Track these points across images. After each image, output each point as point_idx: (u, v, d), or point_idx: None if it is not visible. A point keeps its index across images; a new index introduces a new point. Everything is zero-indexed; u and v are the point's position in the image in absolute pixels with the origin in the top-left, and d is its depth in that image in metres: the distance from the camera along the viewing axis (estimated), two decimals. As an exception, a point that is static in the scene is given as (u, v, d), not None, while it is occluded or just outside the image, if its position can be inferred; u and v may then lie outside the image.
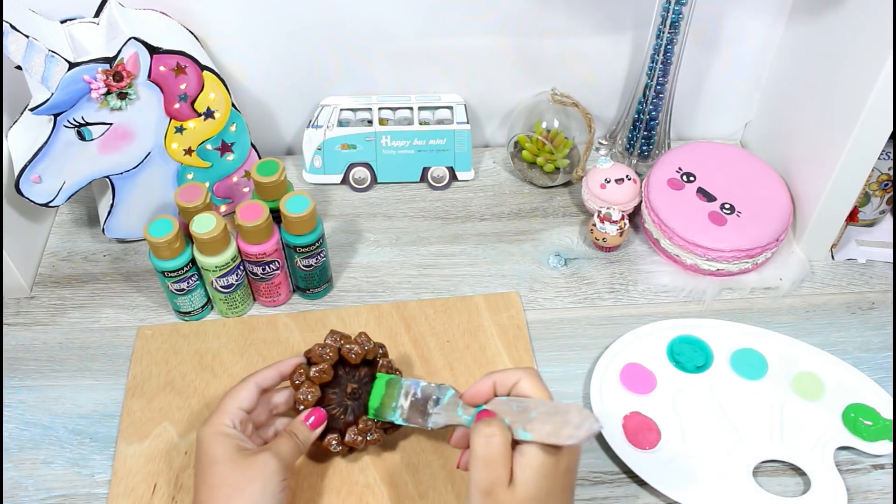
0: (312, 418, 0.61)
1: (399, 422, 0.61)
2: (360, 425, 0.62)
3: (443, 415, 0.59)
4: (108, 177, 0.76)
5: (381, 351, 0.66)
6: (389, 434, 0.65)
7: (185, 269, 0.71)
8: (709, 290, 0.79)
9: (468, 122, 0.88)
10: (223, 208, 0.84)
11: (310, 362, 0.63)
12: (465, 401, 0.57)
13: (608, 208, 0.81)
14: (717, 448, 0.66)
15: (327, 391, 0.63)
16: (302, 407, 0.62)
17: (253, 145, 0.83)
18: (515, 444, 0.51)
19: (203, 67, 0.74)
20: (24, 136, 0.73)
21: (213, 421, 0.58)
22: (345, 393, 0.63)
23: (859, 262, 0.83)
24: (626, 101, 0.90)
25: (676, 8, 0.77)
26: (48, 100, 0.67)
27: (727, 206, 0.80)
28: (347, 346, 0.63)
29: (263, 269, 0.73)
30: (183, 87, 0.73)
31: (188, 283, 0.72)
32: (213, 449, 0.56)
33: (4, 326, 0.76)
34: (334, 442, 0.62)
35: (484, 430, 0.51)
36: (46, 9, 0.73)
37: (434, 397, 0.60)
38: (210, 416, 0.58)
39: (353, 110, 0.89)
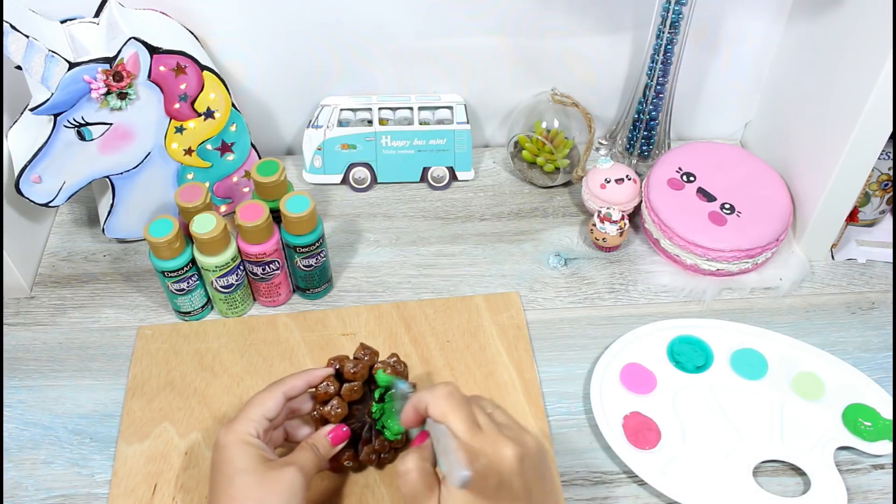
0: (334, 434, 0.60)
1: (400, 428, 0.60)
2: (377, 444, 0.62)
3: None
4: (108, 177, 0.76)
5: (405, 371, 0.65)
6: (400, 453, 0.64)
7: (185, 269, 0.71)
8: (709, 290, 0.79)
9: (468, 122, 0.88)
10: (223, 208, 0.84)
11: (338, 373, 0.62)
12: (402, 425, 0.56)
13: (608, 208, 0.81)
14: (717, 448, 0.66)
15: (351, 407, 0.62)
16: (326, 420, 0.61)
17: (253, 145, 0.83)
18: None
19: (203, 67, 0.74)
20: (24, 136, 0.73)
21: (236, 428, 0.56)
22: (367, 410, 0.62)
23: (859, 262, 0.83)
24: (626, 101, 0.90)
25: (676, 8, 0.77)
26: (48, 100, 0.67)
27: (727, 206, 0.80)
28: (379, 365, 0.62)
29: (263, 269, 0.73)
30: (183, 87, 0.73)
31: (188, 283, 0.72)
32: (236, 458, 0.54)
33: (4, 326, 0.76)
34: (348, 460, 0.61)
35: (400, 469, 0.51)
36: (46, 9, 0.73)
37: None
38: (232, 423, 0.56)
39: (353, 110, 0.89)
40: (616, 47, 0.88)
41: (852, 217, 0.82)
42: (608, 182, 0.83)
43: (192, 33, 0.80)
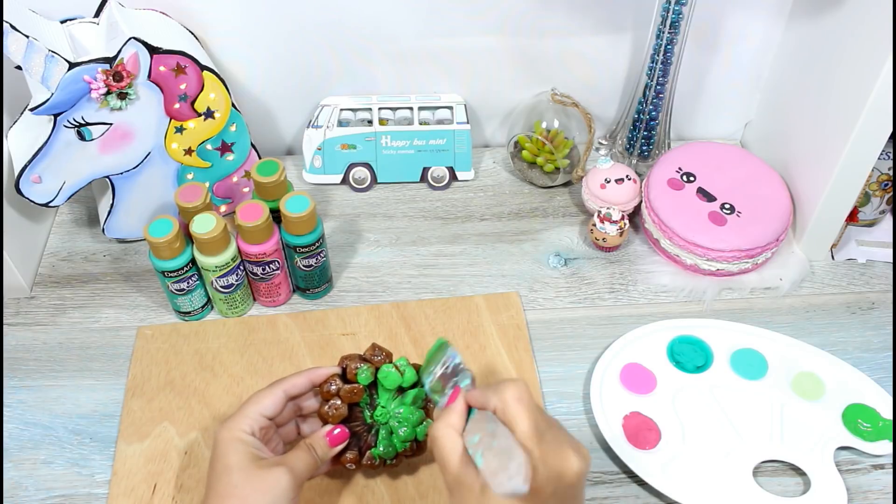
0: (335, 433, 0.59)
1: (427, 387, 0.58)
2: (382, 450, 0.61)
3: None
4: (108, 177, 0.76)
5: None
6: (408, 460, 0.63)
7: (185, 269, 0.71)
8: (709, 290, 0.79)
9: (468, 122, 0.88)
10: (223, 208, 0.84)
11: (345, 373, 0.61)
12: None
13: (608, 208, 0.81)
14: (717, 448, 0.66)
15: (354, 408, 0.61)
16: (327, 420, 0.60)
17: (253, 145, 0.83)
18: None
19: (203, 67, 0.74)
20: (24, 136, 0.73)
21: (232, 425, 0.56)
22: (372, 412, 0.61)
23: (859, 262, 0.83)
24: (626, 101, 0.90)
25: (676, 8, 0.77)
26: (48, 100, 0.67)
27: (727, 206, 0.80)
28: (386, 368, 0.61)
29: (263, 269, 0.73)
30: (183, 87, 0.73)
31: (188, 283, 0.72)
32: (227, 455, 0.54)
33: (4, 326, 0.76)
34: (350, 462, 0.60)
35: (434, 434, 0.52)
36: (46, 9, 0.73)
37: (455, 378, 0.57)
38: (230, 418, 0.56)
39: (353, 110, 0.89)
40: (616, 47, 0.88)
41: (852, 217, 0.82)
42: (608, 182, 0.83)
43: (192, 33, 0.80)
